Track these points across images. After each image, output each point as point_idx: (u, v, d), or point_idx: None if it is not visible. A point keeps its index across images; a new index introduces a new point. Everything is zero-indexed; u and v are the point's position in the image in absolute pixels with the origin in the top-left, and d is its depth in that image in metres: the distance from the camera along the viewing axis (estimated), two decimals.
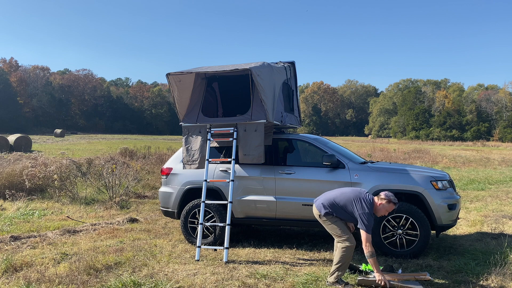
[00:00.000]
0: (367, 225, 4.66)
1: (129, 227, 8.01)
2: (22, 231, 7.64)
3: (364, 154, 23.43)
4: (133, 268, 5.44)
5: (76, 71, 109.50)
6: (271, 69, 6.47)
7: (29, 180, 11.06)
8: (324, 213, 4.91)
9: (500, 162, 25.16)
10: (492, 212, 9.45)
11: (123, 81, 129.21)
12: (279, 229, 7.97)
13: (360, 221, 4.70)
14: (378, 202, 4.82)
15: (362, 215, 4.69)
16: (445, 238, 7.17)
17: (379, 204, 4.80)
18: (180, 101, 6.54)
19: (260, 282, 4.92)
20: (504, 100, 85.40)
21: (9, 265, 5.46)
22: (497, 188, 13.91)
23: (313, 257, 6.07)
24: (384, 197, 4.81)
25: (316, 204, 5.07)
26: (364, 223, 4.67)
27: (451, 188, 6.27)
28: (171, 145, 31.58)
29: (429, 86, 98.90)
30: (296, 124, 7.67)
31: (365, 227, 4.66)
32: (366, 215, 4.68)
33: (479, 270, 5.24)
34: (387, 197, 4.81)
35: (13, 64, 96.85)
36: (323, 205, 4.95)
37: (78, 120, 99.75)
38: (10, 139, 30.57)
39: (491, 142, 64.52)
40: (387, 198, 4.81)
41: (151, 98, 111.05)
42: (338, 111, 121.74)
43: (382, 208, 4.81)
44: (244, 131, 6.26)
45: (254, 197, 6.54)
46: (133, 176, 12.28)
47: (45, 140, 49.18)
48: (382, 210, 4.83)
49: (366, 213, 4.69)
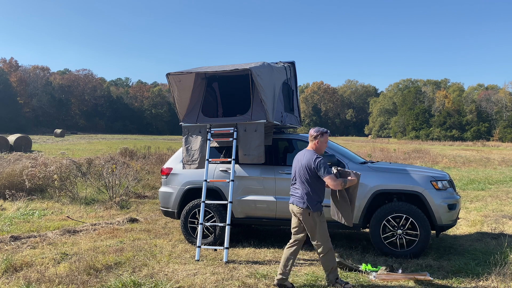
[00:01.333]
0: (327, 169, 4.64)
1: (129, 227, 8.01)
2: (22, 231, 7.64)
3: (364, 154, 23.42)
4: (133, 268, 5.44)
5: (76, 71, 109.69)
6: (271, 69, 6.47)
7: (29, 180, 11.06)
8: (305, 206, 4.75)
9: (500, 162, 25.16)
10: (492, 212, 9.45)
11: (123, 81, 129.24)
12: (279, 229, 7.97)
13: (321, 171, 4.64)
14: (315, 143, 4.83)
15: (318, 164, 4.65)
16: (445, 238, 7.17)
17: (318, 143, 4.82)
18: (180, 101, 6.54)
19: (260, 282, 4.92)
20: (504, 100, 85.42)
21: (9, 265, 5.46)
22: (497, 188, 13.90)
23: (313, 257, 6.07)
24: (314, 133, 4.84)
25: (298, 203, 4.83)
26: (323, 170, 4.63)
27: (451, 188, 6.27)
28: (171, 145, 31.58)
29: (429, 86, 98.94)
30: (296, 124, 7.67)
31: (325, 172, 4.63)
32: (321, 163, 4.66)
33: (479, 270, 5.24)
34: (316, 132, 4.83)
35: (13, 64, 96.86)
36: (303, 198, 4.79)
37: (78, 120, 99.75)
38: (10, 139, 30.57)
39: (491, 142, 64.53)
40: (316, 133, 4.83)
41: (151, 98, 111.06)
42: (338, 111, 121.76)
43: (321, 144, 4.84)
44: (244, 131, 6.26)
45: (254, 197, 6.54)
46: (133, 176, 12.28)
47: (45, 140, 49.18)
48: (323, 145, 4.85)
49: (319, 162, 4.66)
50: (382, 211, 6.00)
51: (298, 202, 4.77)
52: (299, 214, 4.75)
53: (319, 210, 4.76)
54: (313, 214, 4.70)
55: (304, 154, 4.81)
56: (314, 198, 4.72)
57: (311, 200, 4.70)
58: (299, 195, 4.78)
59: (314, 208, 4.70)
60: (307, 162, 4.70)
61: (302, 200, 4.73)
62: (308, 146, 4.91)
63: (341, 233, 7.56)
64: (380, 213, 6.00)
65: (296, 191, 4.83)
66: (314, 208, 4.70)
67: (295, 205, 4.81)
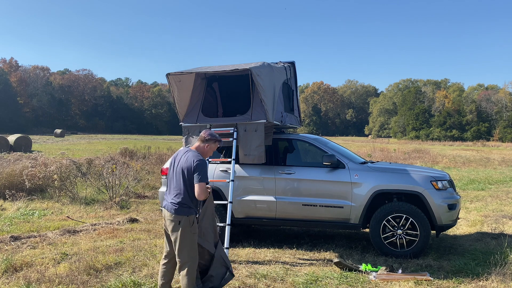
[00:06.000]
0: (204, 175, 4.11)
1: (129, 227, 8.01)
2: (22, 231, 7.64)
3: (364, 154, 23.41)
4: (133, 268, 5.44)
5: (76, 71, 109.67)
6: (271, 69, 6.47)
7: (29, 180, 11.06)
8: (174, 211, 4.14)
9: (500, 162, 25.16)
10: (492, 212, 9.45)
11: (123, 81, 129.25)
12: (279, 229, 7.97)
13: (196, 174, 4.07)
14: (204, 146, 4.34)
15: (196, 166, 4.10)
16: (445, 238, 7.17)
17: (206, 147, 4.33)
18: (180, 101, 6.54)
19: (260, 282, 4.92)
20: (504, 100, 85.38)
21: (9, 265, 5.46)
22: (497, 188, 13.91)
23: (313, 257, 6.07)
24: (208, 137, 4.32)
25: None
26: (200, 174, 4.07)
27: (451, 188, 6.27)
28: (171, 145, 31.55)
29: (429, 86, 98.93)
30: (296, 124, 7.67)
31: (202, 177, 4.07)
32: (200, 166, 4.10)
33: (479, 270, 5.24)
34: (209, 136, 4.33)
35: (13, 64, 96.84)
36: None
37: (78, 120, 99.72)
38: (10, 139, 30.54)
39: (491, 142, 64.50)
40: (210, 137, 4.33)
41: (151, 98, 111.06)
42: (338, 111, 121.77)
43: (209, 150, 4.35)
44: (244, 131, 6.26)
45: (254, 197, 6.53)
46: (133, 176, 12.28)
47: (45, 140, 49.15)
48: (210, 152, 4.37)
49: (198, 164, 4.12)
50: (382, 211, 6.00)
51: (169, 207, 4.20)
52: (169, 220, 4.17)
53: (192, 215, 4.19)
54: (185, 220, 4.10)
55: (186, 153, 4.26)
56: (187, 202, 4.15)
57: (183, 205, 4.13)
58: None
59: (187, 214, 4.13)
60: (189, 163, 4.14)
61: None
62: (193, 146, 4.39)
63: (341, 233, 7.56)
64: (380, 213, 6.00)
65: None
66: (187, 213, 4.13)
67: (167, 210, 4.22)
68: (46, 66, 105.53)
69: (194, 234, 4.14)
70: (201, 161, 4.13)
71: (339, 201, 6.18)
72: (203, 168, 4.10)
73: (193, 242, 4.14)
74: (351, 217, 6.15)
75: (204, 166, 4.13)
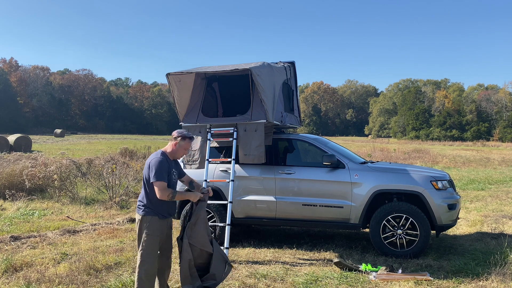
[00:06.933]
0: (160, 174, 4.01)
1: (129, 227, 8.02)
2: (22, 231, 7.64)
3: (364, 154, 23.41)
4: (133, 268, 5.44)
5: (76, 71, 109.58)
6: (271, 69, 6.47)
7: (29, 180, 11.06)
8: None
9: (500, 162, 25.16)
10: (492, 212, 9.45)
11: (123, 81, 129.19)
12: (279, 229, 7.97)
13: (152, 174, 4.00)
14: (172, 144, 4.23)
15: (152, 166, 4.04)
16: (445, 238, 7.17)
17: (175, 145, 4.21)
18: (180, 101, 6.54)
19: (260, 282, 4.92)
20: (504, 100, 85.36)
21: (9, 265, 5.47)
22: (497, 188, 13.91)
23: (313, 257, 6.07)
24: (176, 134, 4.24)
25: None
26: (154, 173, 3.99)
27: (451, 188, 6.27)
28: None
29: (429, 86, 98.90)
30: (296, 124, 7.67)
31: (156, 176, 3.99)
32: (156, 164, 4.03)
33: (479, 270, 5.24)
34: (178, 133, 4.24)
35: (13, 64, 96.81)
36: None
37: (78, 120, 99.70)
38: (10, 139, 30.55)
39: (491, 142, 64.49)
40: (178, 134, 4.24)
41: (151, 98, 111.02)
42: (338, 111, 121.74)
43: (178, 148, 4.22)
44: (244, 131, 6.26)
45: (254, 197, 6.54)
46: (133, 176, 12.28)
47: (45, 140, 49.17)
48: (180, 150, 4.24)
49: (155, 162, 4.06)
50: (382, 211, 6.00)
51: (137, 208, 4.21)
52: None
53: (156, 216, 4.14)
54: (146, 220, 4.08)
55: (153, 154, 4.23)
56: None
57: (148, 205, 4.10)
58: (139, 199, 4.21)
59: (144, 214, 4.11)
60: (147, 163, 4.11)
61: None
62: (165, 147, 4.30)
63: (341, 233, 7.56)
64: (380, 213, 6.00)
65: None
66: (144, 213, 4.11)
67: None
68: (46, 66, 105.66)
69: (149, 236, 4.06)
70: (156, 160, 4.04)
71: (339, 201, 6.18)
72: (158, 166, 3.99)
73: (149, 244, 4.07)
74: (351, 217, 6.15)
75: (158, 164, 4.01)
